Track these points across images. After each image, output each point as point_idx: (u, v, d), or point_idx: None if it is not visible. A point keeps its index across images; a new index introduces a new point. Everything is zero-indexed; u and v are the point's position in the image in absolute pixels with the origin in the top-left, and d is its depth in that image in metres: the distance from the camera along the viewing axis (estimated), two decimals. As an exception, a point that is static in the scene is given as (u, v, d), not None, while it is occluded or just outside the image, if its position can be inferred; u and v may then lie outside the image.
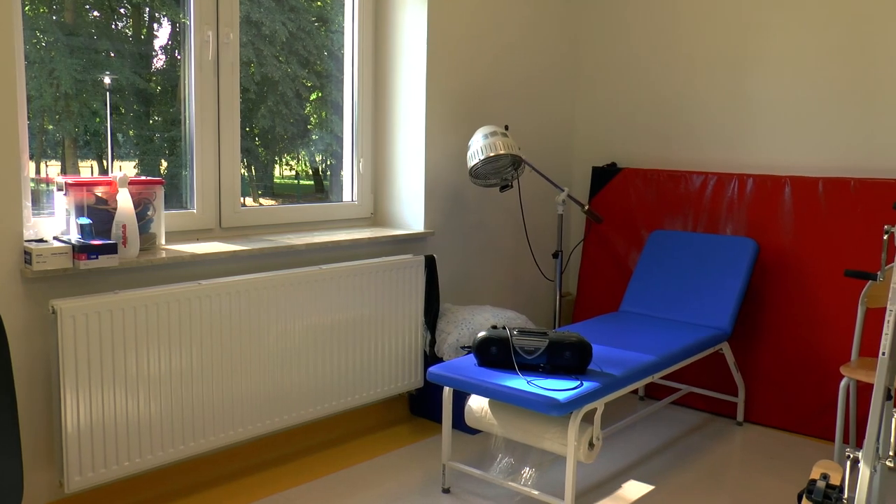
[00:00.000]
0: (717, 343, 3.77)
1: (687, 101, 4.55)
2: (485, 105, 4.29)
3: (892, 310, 2.72)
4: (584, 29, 4.92)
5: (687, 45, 4.53)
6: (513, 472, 3.42)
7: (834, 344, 3.93)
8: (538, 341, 3.05)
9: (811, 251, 4.03)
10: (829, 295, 3.96)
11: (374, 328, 3.66)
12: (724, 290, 3.96)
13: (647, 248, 4.32)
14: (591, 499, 3.19)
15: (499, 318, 3.85)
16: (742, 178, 4.27)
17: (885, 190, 3.86)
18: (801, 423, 4.00)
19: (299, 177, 4.17)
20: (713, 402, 4.27)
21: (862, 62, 3.98)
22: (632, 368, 3.13)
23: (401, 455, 3.58)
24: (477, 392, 2.94)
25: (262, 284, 3.19)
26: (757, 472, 3.52)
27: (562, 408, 2.73)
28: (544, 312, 4.92)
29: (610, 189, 4.71)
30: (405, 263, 3.76)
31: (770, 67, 4.26)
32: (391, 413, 4.00)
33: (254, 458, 3.42)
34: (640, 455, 3.67)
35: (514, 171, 4.02)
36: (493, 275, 4.49)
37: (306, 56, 3.93)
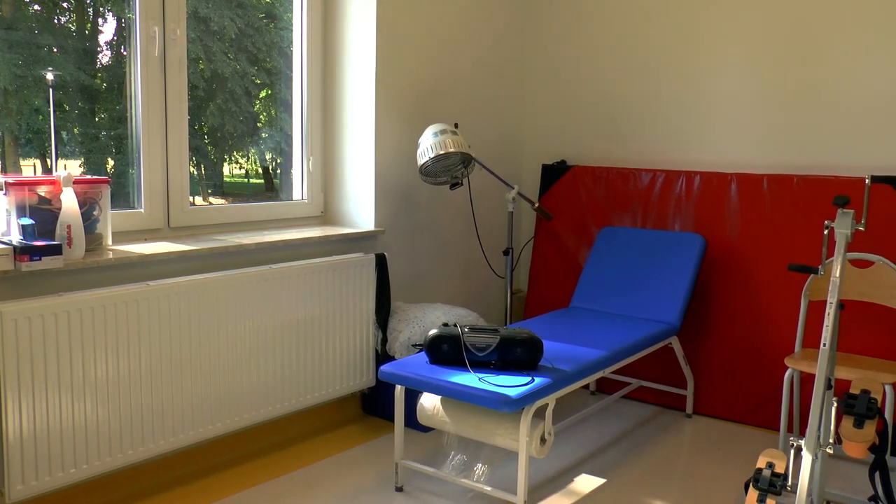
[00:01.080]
0: (666, 337, 3.83)
1: (635, 100, 4.61)
2: (435, 103, 4.29)
3: (832, 302, 2.79)
4: (534, 28, 4.95)
5: (636, 45, 4.58)
6: (465, 468, 3.43)
7: (778, 336, 4.02)
8: (489, 338, 3.06)
9: (757, 246, 4.11)
10: (774, 288, 4.05)
11: (326, 327, 3.64)
12: (673, 286, 4.02)
13: (596, 244, 4.37)
14: (543, 493, 3.22)
15: (450, 316, 3.86)
16: (689, 175, 4.33)
17: (826, 186, 3.95)
18: (748, 413, 4.08)
19: (249, 175, 4.14)
20: (663, 395, 4.33)
21: (803, 64, 4.07)
22: (583, 364, 3.16)
23: (353, 455, 3.57)
24: (429, 390, 2.95)
25: (211, 285, 3.15)
26: (705, 462, 3.59)
27: (513, 404, 2.74)
28: (495, 309, 4.94)
29: (560, 186, 4.75)
30: (356, 262, 3.75)
31: (716, 68, 4.33)
32: (343, 413, 3.99)
33: (204, 461, 3.38)
34: (592, 449, 3.70)
35: (464, 169, 4.02)
36: (444, 272, 4.50)
37: (255, 53, 3.89)
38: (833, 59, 4.00)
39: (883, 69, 3.88)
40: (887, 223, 3.79)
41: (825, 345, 2.75)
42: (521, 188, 5.08)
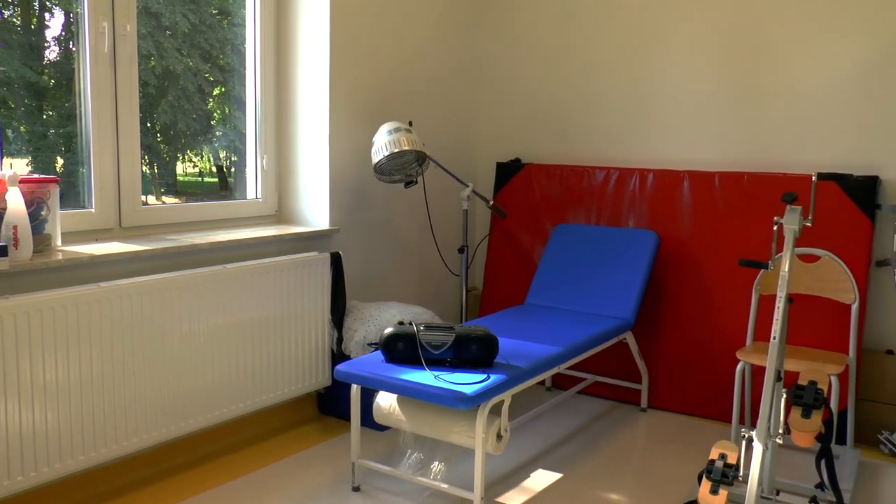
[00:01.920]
0: (620, 333, 3.87)
1: (589, 98, 4.65)
2: (389, 101, 4.29)
3: (781, 296, 2.84)
4: (488, 27, 4.96)
5: (589, 44, 4.62)
6: (422, 466, 3.43)
7: (730, 330, 4.09)
8: (445, 336, 3.07)
9: (709, 242, 4.17)
10: (726, 283, 4.11)
11: (281, 327, 3.62)
12: (627, 282, 4.06)
13: (551, 241, 4.40)
14: (500, 490, 3.24)
15: (405, 314, 3.86)
16: (643, 172, 4.38)
17: (775, 183, 4.02)
18: (701, 406, 4.14)
19: (203, 174, 4.09)
20: (618, 389, 4.38)
21: (753, 63, 4.14)
22: (538, 360, 3.18)
23: (310, 455, 3.55)
24: (384, 388, 2.94)
25: (164, 285, 3.11)
26: (660, 455, 3.63)
27: (469, 401, 2.75)
28: (451, 307, 4.95)
29: (514, 184, 4.78)
30: (310, 261, 3.73)
31: (668, 67, 4.39)
32: (299, 413, 3.96)
33: (157, 465, 3.33)
34: (548, 444, 3.73)
35: (418, 167, 4.02)
36: (399, 271, 4.50)
37: (209, 49, 3.85)
38: (781, 60, 4.07)
39: (828, 70, 3.96)
40: (833, 219, 3.88)
41: (775, 338, 2.80)
42: (476, 186, 5.09)
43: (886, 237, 3.88)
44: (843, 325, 3.80)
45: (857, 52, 3.90)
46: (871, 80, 3.88)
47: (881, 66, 3.85)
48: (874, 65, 3.86)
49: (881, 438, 3.73)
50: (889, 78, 3.83)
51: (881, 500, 3.25)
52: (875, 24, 3.85)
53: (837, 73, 3.94)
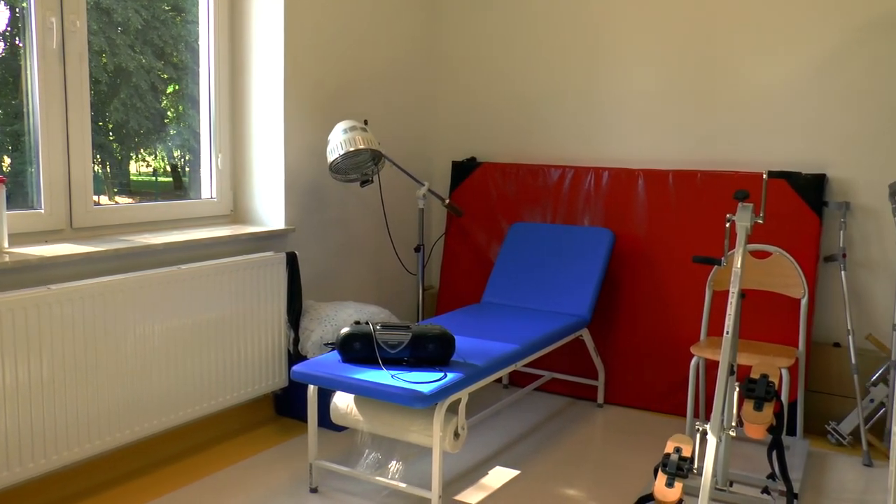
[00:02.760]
0: (577, 330, 3.90)
1: (544, 97, 4.67)
2: (345, 100, 4.27)
3: (734, 292, 2.89)
4: (442, 24, 4.97)
5: (543, 43, 4.65)
6: (380, 466, 3.43)
7: (685, 325, 4.14)
8: (401, 335, 3.07)
9: (663, 239, 4.22)
10: (680, 280, 4.17)
11: (237, 328, 3.58)
12: (583, 279, 4.10)
13: (507, 240, 4.42)
14: (458, 488, 3.24)
15: (362, 314, 3.85)
16: (598, 171, 4.42)
17: (728, 181, 4.08)
18: (657, 401, 4.19)
19: (157, 174, 4.03)
20: (575, 386, 4.41)
21: (705, 64, 4.20)
22: (494, 358, 3.19)
23: (267, 457, 3.52)
24: (341, 388, 2.93)
25: (117, 287, 3.06)
26: (616, 450, 3.67)
27: (426, 400, 2.75)
28: (407, 306, 4.95)
29: (470, 183, 4.79)
30: (266, 261, 3.70)
31: (623, 66, 4.43)
32: (256, 414, 3.93)
33: (111, 471, 3.28)
34: (506, 442, 3.75)
35: (374, 166, 4.01)
36: (355, 270, 4.48)
37: (162, 47, 3.79)
38: (733, 61, 4.14)
39: (778, 71, 4.03)
40: (783, 216, 3.95)
41: (728, 332, 2.85)
42: (432, 185, 5.09)
43: (833, 233, 3.97)
44: (792, 319, 3.87)
45: (805, 54, 3.97)
46: (818, 81, 3.95)
47: (828, 68, 3.93)
48: (822, 66, 3.94)
49: (828, 429, 3.81)
50: (836, 79, 3.91)
51: (828, 487, 3.32)
52: (823, 27, 3.92)
53: (787, 74, 4.02)
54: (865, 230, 3.91)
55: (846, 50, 3.89)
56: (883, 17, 3.80)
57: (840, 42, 3.90)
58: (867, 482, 3.40)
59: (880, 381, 3.71)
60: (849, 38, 3.88)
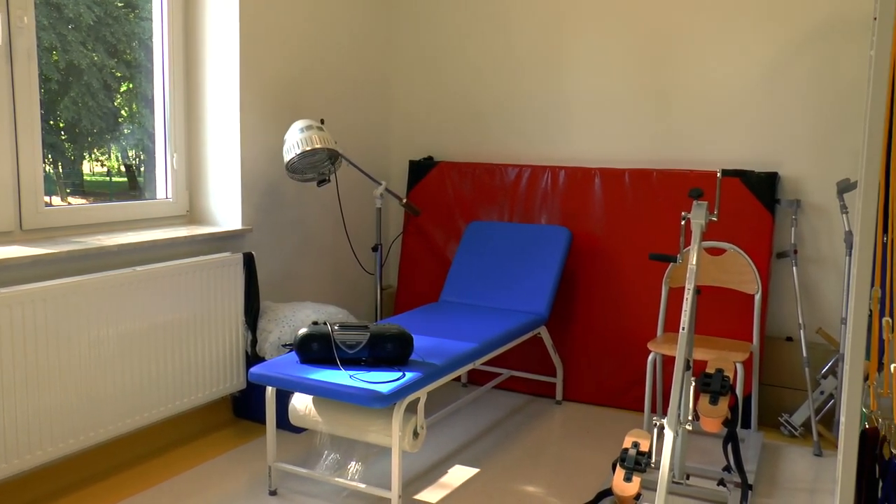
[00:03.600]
0: (535, 327, 3.92)
1: (500, 96, 4.69)
2: (301, 99, 4.24)
3: (689, 288, 2.92)
4: (398, 24, 4.96)
5: (501, 42, 4.66)
6: (339, 467, 3.41)
7: (641, 322, 4.18)
8: (359, 335, 3.06)
9: (620, 237, 4.26)
10: (636, 277, 4.21)
11: (193, 330, 3.54)
12: (541, 277, 4.12)
13: (464, 238, 4.42)
14: (418, 487, 3.24)
15: (320, 314, 3.83)
16: (555, 170, 4.45)
17: (683, 179, 4.14)
18: (614, 397, 4.23)
19: (111, 174, 3.97)
20: (533, 383, 4.43)
21: (660, 64, 4.25)
22: (453, 357, 3.20)
23: (225, 460, 3.49)
24: (300, 390, 2.91)
25: (70, 290, 3.01)
26: (575, 446, 3.70)
27: (385, 399, 2.75)
28: (366, 306, 4.93)
29: (427, 182, 4.79)
30: (223, 262, 3.67)
31: (579, 66, 4.46)
32: (214, 417, 3.89)
33: (66, 478, 3.22)
34: (465, 440, 3.75)
35: (331, 166, 4.00)
36: (313, 270, 4.46)
37: (115, 44, 3.73)
38: (688, 61, 4.19)
39: (731, 71, 4.09)
40: (737, 213, 4.01)
41: (684, 328, 2.88)
42: (389, 184, 5.08)
43: (785, 230, 4.04)
44: (747, 314, 3.93)
45: (757, 55, 4.04)
46: (770, 82, 4.02)
47: (779, 69, 4.00)
48: (773, 68, 4.01)
49: (781, 421, 3.88)
50: (787, 79, 3.98)
51: (781, 478, 3.38)
52: (775, 28, 3.99)
53: (739, 75, 4.08)
54: (816, 227, 3.98)
55: (796, 52, 3.96)
56: (830, 21, 3.88)
57: (790, 44, 3.97)
58: (817, 472, 3.47)
59: (830, 373, 3.79)
60: (798, 41, 3.95)
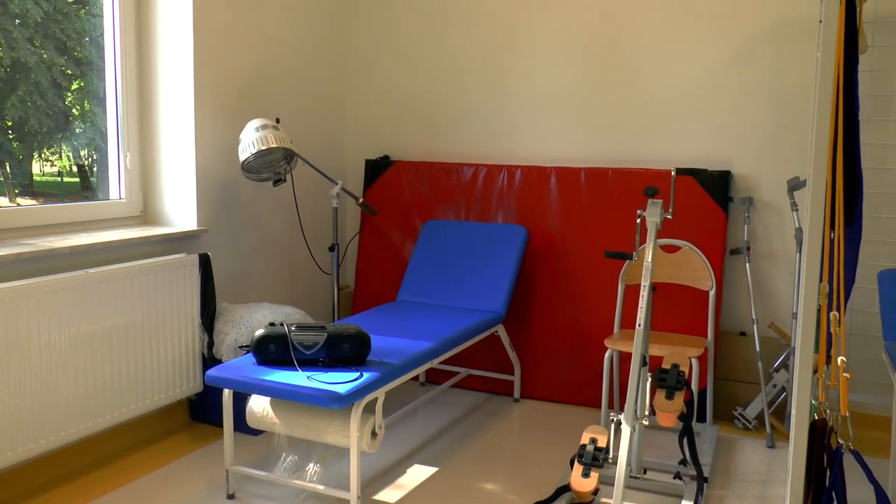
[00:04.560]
0: (492, 326, 3.93)
1: (457, 96, 4.70)
2: (256, 98, 4.21)
3: (645, 285, 2.96)
4: (354, 23, 4.94)
5: (456, 41, 4.67)
6: (298, 469, 3.40)
7: (598, 319, 4.22)
8: (316, 336, 3.04)
9: (576, 235, 4.29)
10: (593, 274, 4.24)
11: (148, 333, 3.49)
12: (498, 275, 4.13)
13: (421, 238, 4.43)
14: (377, 487, 3.24)
15: (277, 315, 3.80)
16: (511, 169, 4.47)
17: (638, 178, 4.18)
18: (572, 393, 4.26)
19: (63, 174, 3.90)
20: (491, 382, 4.45)
21: (615, 64, 4.29)
22: (410, 356, 3.20)
23: (182, 465, 3.45)
24: (257, 392, 2.89)
25: (20, 293, 2.95)
26: (533, 443, 3.72)
27: (343, 400, 2.74)
28: (323, 306, 4.91)
29: (383, 181, 4.78)
30: (178, 263, 3.62)
31: (534, 66, 4.48)
32: (170, 421, 3.84)
33: (17, 486, 3.16)
34: (423, 439, 3.76)
35: (286, 165, 3.97)
36: (269, 271, 4.42)
37: (64, 41, 3.66)
38: (642, 62, 4.23)
39: (684, 71, 4.15)
40: (691, 211, 4.06)
41: (640, 325, 2.92)
42: (345, 183, 5.07)
43: (738, 227, 4.10)
44: (701, 310, 3.99)
45: (709, 56, 4.09)
46: (722, 81, 4.08)
47: (731, 69, 4.06)
48: (725, 68, 4.07)
49: (736, 414, 3.94)
50: (738, 80, 4.05)
51: (736, 470, 3.44)
52: (725, 30, 4.05)
53: (693, 74, 4.13)
54: (767, 224, 4.05)
55: (746, 53, 4.02)
56: (778, 23, 3.95)
57: (740, 46, 4.03)
58: (770, 463, 3.53)
59: (782, 366, 3.86)
60: (748, 42, 4.01)
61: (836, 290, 2.24)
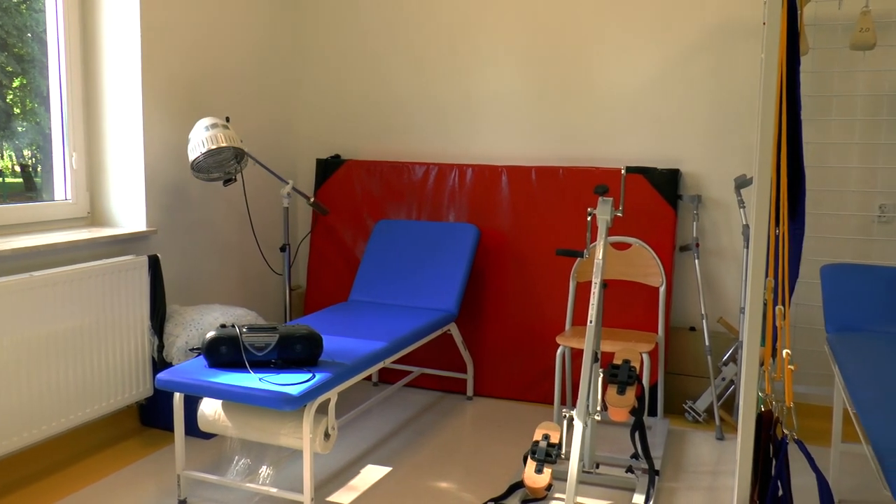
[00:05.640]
0: (444, 324, 3.94)
1: (408, 95, 4.69)
2: (206, 96, 4.16)
3: (596, 283, 2.99)
4: (305, 21, 4.91)
5: (407, 40, 4.66)
6: (251, 472, 3.37)
7: (550, 316, 4.25)
8: (268, 337, 3.02)
9: (527, 233, 4.32)
10: (544, 272, 4.28)
11: (97, 337, 3.43)
12: (449, 274, 4.14)
13: (373, 237, 4.42)
14: (330, 489, 3.22)
15: (228, 317, 3.76)
16: (462, 167, 4.48)
17: (588, 176, 4.22)
18: (525, 391, 4.29)
19: (4, 174, 3.81)
20: (444, 380, 4.46)
21: (565, 64, 4.33)
22: (363, 356, 3.19)
23: (132, 471, 3.39)
24: (208, 395, 2.86)
25: (-43, 298, 2.88)
26: (486, 440, 3.73)
27: (295, 402, 2.72)
28: (275, 307, 4.87)
29: (335, 180, 4.76)
30: (127, 265, 3.56)
31: (485, 65, 4.50)
32: (120, 427, 3.78)
33: (-40, 490, 3.09)
34: (377, 439, 3.75)
35: (237, 165, 3.93)
36: (220, 272, 4.38)
37: (5, 37, 3.58)
38: (592, 62, 4.27)
39: (633, 71, 4.20)
40: (641, 209, 4.11)
41: (592, 321, 2.95)
42: (296, 183, 5.03)
43: (687, 224, 4.17)
44: (652, 306, 4.04)
45: (658, 56, 4.15)
46: (671, 82, 4.14)
47: (679, 69, 4.12)
48: (673, 69, 4.13)
49: (686, 408, 4.00)
50: (685, 80, 4.11)
51: (686, 462, 3.50)
52: (673, 31, 4.11)
53: (643, 75, 4.19)
54: (716, 221, 4.12)
55: (693, 54, 4.08)
56: (724, 25, 4.02)
57: (688, 46, 4.09)
58: (720, 454, 3.60)
59: (730, 360, 3.93)
60: (695, 43, 4.08)
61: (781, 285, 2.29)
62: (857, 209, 3.89)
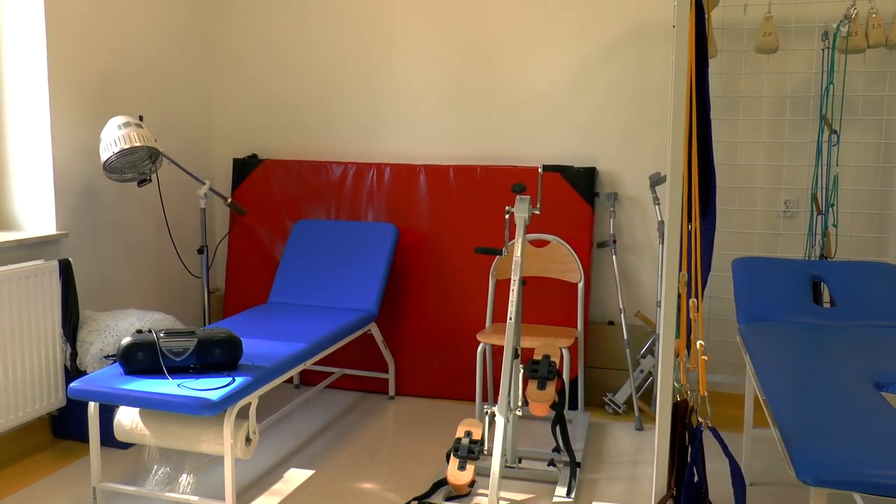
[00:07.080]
0: (365, 324, 3.93)
1: (325, 93, 4.66)
2: (118, 94, 4.05)
3: (515, 280, 3.03)
4: (219, 17, 4.82)
5: (324, 39, 4.63)
6: (171, 481, 3.30)
7: (471, 314, 4.28)
8: (186, 341, 2.96)
9: (446, 232, 4.34)
10: (464, 270, 4.30)
11: (5, 346, 3.31)
12: (369, 274, 4.14)
13: (291, 238, 4.37)
14: (253, 494, 3.18)
15: (145, 322, 3.68)
16: (380, 167, 4.47)
17: (506, 175, 4.26)
18: (446, 388, 4.31)
19: None
20: (366, 381, 4.45)
21: (482, 64, 4.36)
22: (283, 358, 3.16)
23: (45, 485, 3.28)
24: (125, 403, 2.79)
25: None
26: (409, 439, 3.74)
27: (215, 407, 2.68)
28: (193, 311, 4.78)
29: (252, 180, 4.69)
30: (35, 270, 3.44)
31: (402, 65, 4.50)
32: (30, 440, 3.65)
33: None
34: (299, 442, 3.72)
35: (151, 165, 3.85)
36: (136, 276, 4.27)
37: None
38: (508, 61, 4.32)
39: (548, 72, 4.26)
40: (558, 207, 4.18)
41: (511, 318, 2.98)
42: (213, 183, 4.95)
43: (604, 221, 4.25)
44: (571, 302, 4.11)
45: (573, 57, 4.22)
46: (586, 82, 4.22)
47: (595, 70, 4.20)
48: (588, 69, 4.21)
49: (606, 400, 4.09)
50: (600, 80, 4.19)
51: (607, 453, 3.57)
52: (588, 33, 4.18)
53: (559, 75, 4.25)
54: (632, 218, 4.22)
55: (607, 55, 4.17)
56: (637, 27, 4.12)
57: (602, 47, 4.17)
58: (639, 445, 3.69)
59: (648, 352, 4.03)
60: (609, 45, 4.16)
61: (694, 279, 2.36)
62: (765, 205, 4.03)
